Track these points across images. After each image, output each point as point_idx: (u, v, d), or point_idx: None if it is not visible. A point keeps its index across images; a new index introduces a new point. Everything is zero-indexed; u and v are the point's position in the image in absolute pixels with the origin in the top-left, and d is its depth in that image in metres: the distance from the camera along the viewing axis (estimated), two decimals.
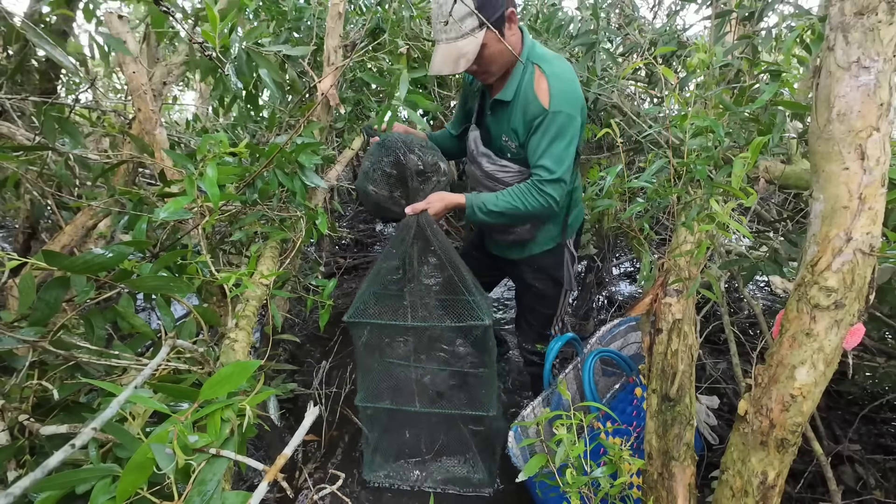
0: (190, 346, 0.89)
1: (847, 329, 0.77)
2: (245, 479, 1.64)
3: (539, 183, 1.46)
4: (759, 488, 0.84)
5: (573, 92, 1.46)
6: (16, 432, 0.75)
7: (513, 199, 1.48)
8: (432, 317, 1.52)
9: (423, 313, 1.52)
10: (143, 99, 1.44)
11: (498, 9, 1.36)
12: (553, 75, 1.45)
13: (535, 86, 1.46)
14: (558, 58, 1.53)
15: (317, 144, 1.35)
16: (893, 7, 0.67)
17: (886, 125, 0.71)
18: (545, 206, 1.47)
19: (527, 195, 1.47)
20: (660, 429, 1.05)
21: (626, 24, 2.19)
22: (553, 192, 1.46)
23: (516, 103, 1.49)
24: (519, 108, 1.48)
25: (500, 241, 1.75)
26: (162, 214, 0.96)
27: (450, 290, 1.50)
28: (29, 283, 0.83)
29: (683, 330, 1.07)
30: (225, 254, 1.52)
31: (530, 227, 1.65)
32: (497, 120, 1.58)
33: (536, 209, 1.48)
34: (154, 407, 0.61)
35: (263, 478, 0.54)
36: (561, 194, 1.48)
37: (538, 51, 1.52)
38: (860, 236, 0.74)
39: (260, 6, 1.92)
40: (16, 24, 1.41)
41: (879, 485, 1.59)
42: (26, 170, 1.39)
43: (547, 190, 1.45)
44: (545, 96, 1.43)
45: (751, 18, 1.66)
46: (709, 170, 0.91)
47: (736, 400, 1.86)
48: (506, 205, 1.48)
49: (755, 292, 2.96)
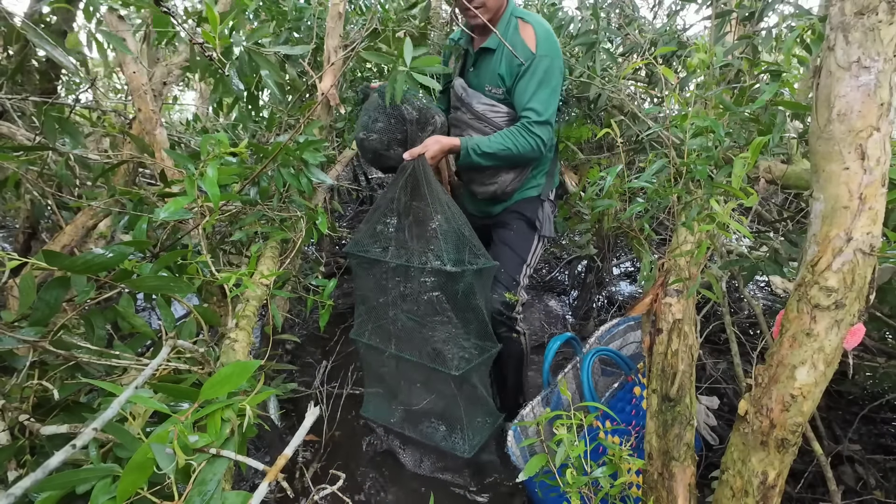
0: (190, 346, 0.89)
1: (847, 329, 0.77)
2: (245, 479, 1.65)
3: (528, 125, 1.55)
4: (759, 488, 0.84)
5: (556, 42, 1.60)
6: (16, 432, 0.75)
7: (505, 140, 1.56)
8: (412, 259, 1.53)
9: (406, 255, 1.54)
10: (143, 99, 1.44)
11: None
12: (538, 23, 1.59)
13: (521, 33, 1.59)
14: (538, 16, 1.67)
15: (320, 142, 1.36)
16: (894, 7, 0.67)
17: (887, 125, 0.71)
18: (535, 147, 1.57)
19: (517, 136, 1.56)
20: (660, 429, 1.05)
21: (626, 24, 2.19)
22: (542, 134, 1.56)
23: (501, 50, 1.60)
24: (505, 55, 1.59)
25: (482, 194, 1.79)
26: (162, 214, 0.96)
27: (431, 234, 1.52)
28: (29, 283, 0.83)
29: (684, 330, 1.07)
30: (225, 254, 1.52)
31: (514, 176, 1.72)
32: (480, 71, 1.69)
33: (527, 150, 1.57)
34: (154, 407, 0.62)
35: (264, 478, 0.54)
36: (549, 136, 1.59)
37: (518, 10, 1.68)
38: (860, 236, 0.74)
39: (260, 6, 1.92)
40: (16, 24, 1.41)
41: (880, 485, 1.59)
42: (27, 170, 1.39)
43: (536, 131, 1.55)
44: (532, 41, 1.56)
45: (751, 18, 1.66)
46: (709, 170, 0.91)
47: (736, 400, 1.86)
48: (498, 146, 1.56)
49: (755, 292, 2.96)
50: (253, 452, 1.86)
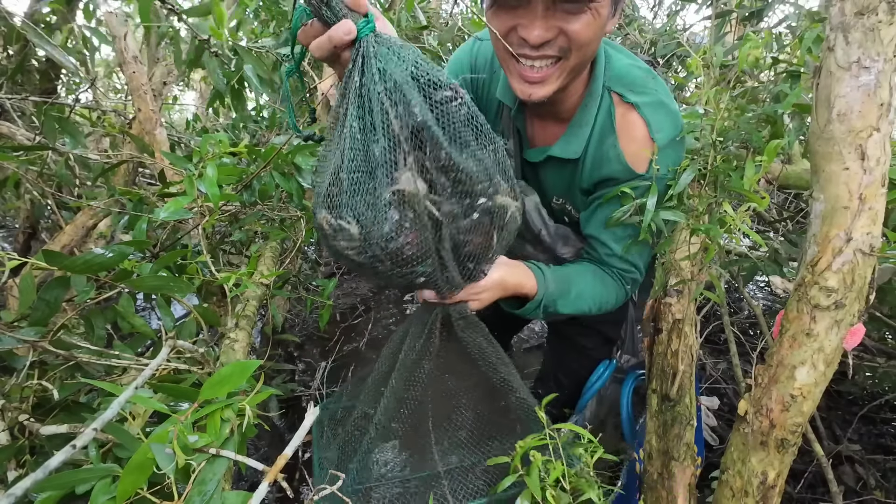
0: (190, 346, 0.89)
1: (847, 329, 0.77)
2: (245, 478, 1.64)
3: (622, 277, 1.04)
4: (759, 488, 0.84)
5: (682, 144, 0.93)
6: (16, 432, 0.75)
7: (592, 301, 1.02)
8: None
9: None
10: (143, 99, 1.44)
11: None
12: (654, 109, 0.91)
13: (619, 132, 0.92)
14: (649, 73, 0.95)
15: (314, 145, 1.35)
16: (894, 7, 0.67)
17: (887, 125, 0.71)
18: (620, 303, 1.08)
19: (609, 293, 1.04)
20: (660, 429, 1.05)
21: (627, 24, 2.19)
22: (633, 289, 1.08)
23: (586, 158, 0.96)
24: (589, 164, 0.97)
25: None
26: (162, 214, 0.96)
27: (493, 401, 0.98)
28: (29, 283, 0.83)
29: (684, 330, 1.07)
30: (225, 254, 1.52)
31: None
32: (543, 175, 1.07)
33: (611, 308, 1.07)
34: (154, 407, 0.62)
35: (264, 478, 0.54)
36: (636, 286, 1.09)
37: (618, 66, 0.93)
38: (860, 236, 0.74)
39: (260, 6, 1.92)
40: (16, 24, 1.41)
41: (880, 485, 1.59)
42: (26, 170, 1.39)
43: (629, 289, 1.06)
44: (640, 150, 0.91)
45: (751, 18, 1.66)
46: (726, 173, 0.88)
47: (736, 400, 1.86)
48: (583, 309, 1.01)
49: (755, 292, 2.95)
50: (252, 452, 1.86)
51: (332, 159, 0.69)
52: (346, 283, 3.13)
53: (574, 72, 0.85)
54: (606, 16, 0.81)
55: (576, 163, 0.98)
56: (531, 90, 0.84)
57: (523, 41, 0.79)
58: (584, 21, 0.77)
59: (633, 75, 0.93)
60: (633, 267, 1.03)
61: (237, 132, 2.01)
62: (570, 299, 0.99)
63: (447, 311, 0.85)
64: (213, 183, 0.98)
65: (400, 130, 0.63)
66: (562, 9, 0.76)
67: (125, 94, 2.94)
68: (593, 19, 0.78)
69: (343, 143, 0.66)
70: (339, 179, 0.66)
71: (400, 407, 0.88)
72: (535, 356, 2.41)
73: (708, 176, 0.87)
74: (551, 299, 0.97)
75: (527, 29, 0.78)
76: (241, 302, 1.13)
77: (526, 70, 0.82)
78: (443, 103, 0.65)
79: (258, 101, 2.24)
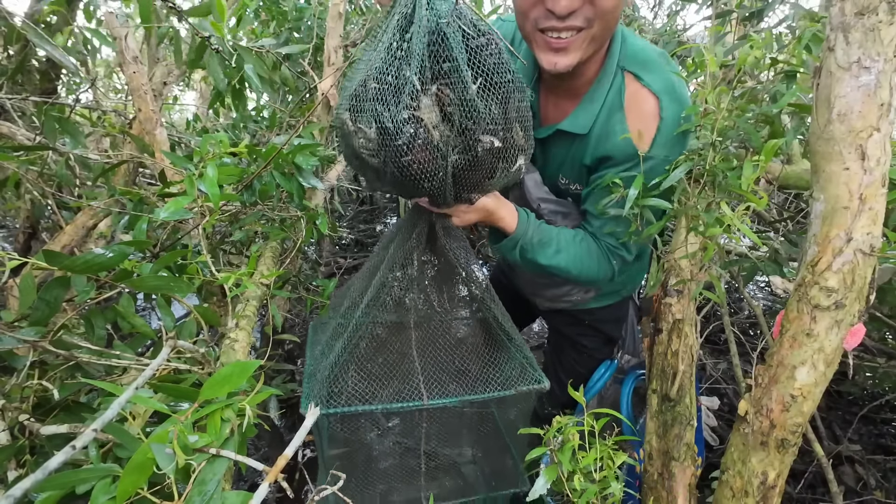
0: (190, 346, 0.89)
1: (847, 329, 0.77)
2: (245, 478, 1.64)
3: (612, 252, 1.06)
4: (759, 488, 0.84)
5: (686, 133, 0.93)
6: (16, 432, 0.75)
7: (573, 263, 1.03)
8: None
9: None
10: (143, 99, 1.44)
11: None
12: (665, 88, 0.91)
13: (627, 108, 0.93)
14: (664, 56, 0.96)
15: (315, 146, 1.35)
16: (894, 7, 0.67)
17: (887, 125, 0.71)
18: (606, 278, 1.09)
19: (593, 261, 1.05)
20: (660, 429, 1.05)
21: (627, 24, 2.19)
22: (618, 267, 1.09)
23: (592, 133, 0.97)
24: (594, 139, 0.98)
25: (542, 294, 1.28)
26: (162, 214, 0.96)
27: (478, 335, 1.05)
28: (29, 283, 0.83)
29: (684, 330, 1.07)
30: (225, 254, 1.51)
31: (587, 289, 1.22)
32: (551, 150, 1.07)
33: (592, 279, 1.08)
34: (154, 407, 0.61)
35: (264, 478, 0.54)
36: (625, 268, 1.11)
37: (634, 46, 0.95)
38: (860, 237, 0.74)
39: (260, 6, 1.92)
40: (16, 24, 1.41)
41: (880, 485, 1.59)
42: (27, 170, 1.39)
43: (614, 265, 1.08)
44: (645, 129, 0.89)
45: (751, 18, 1.66)
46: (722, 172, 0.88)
47: (736, 400, 1.86)
48: (562, 262, 1.03)
49: (755, 292, 2.95)
50: (253, 452, 1.86)
51: (363, 68, 0.77)
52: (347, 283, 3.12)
53: (597, 42, 0.87)
54: None
55: (583, 138, 0.99)
56: (556, 58, 0.86)
57: (550, 13, 0.82)
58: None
59: (648, 56, 0.95)
60: (622, 245, 1.05)
61: (237, 132, 2.01)
62: (549, 253, 1.02)
63: (433, 217, 0.95)
64: (213, 183, 0.98)
65: (432, 62, 0.70)
66: None
67: (125, 94, 2.94)
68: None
69: (378, 54, 0.74)
70: (366, 87, 0.74)
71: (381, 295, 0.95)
72: (535, 356, 2.41)
73: (706, 176, 0.87)
74: (529, 244, 1.01)
75: (553, 0, 0.80)
76: (242, 302, 1.13)
77: (552, 39, 0.84)
78: (477, 50, 0.72)
79: (258, 100, 2.24)
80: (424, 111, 0.71)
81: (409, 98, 0.71)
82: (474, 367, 1.01)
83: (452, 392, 0.94)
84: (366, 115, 0.74)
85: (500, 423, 1.18)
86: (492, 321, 1.03)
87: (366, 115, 0.74)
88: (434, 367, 0.99)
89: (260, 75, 1.53)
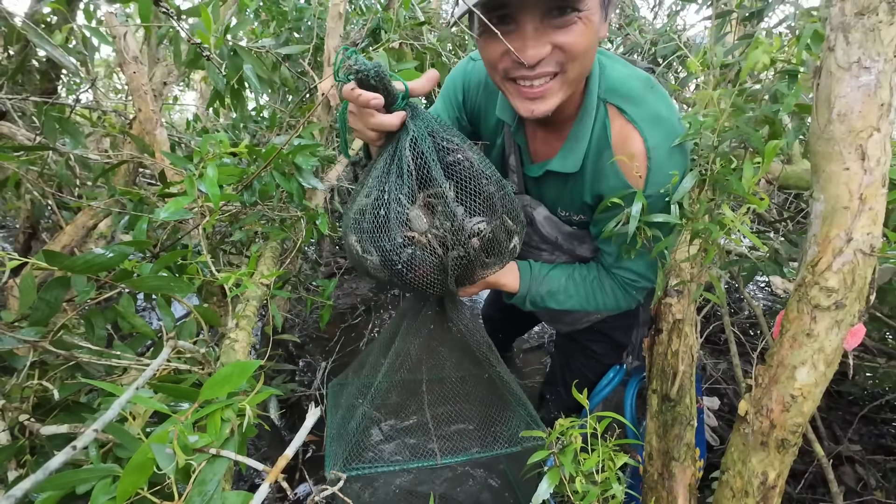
0: (190, 346, 0.89)
1: (847, 329, 0.77)
2: (245, 478, 1.64)
3: (627, 286, 1.05)
4: (759, 489, 0.84)
5: (681, 156, 0.90)
6: (16, 432, 0.75)
7: (587, 300, 1.04)
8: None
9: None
10: (143, 99, 1.44)
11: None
12: (651, 122, 0.88)
13: (615, 144, 0.90)
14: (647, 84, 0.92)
15: (315, 146, 1.35)
16: (894, 7, 0.67)
17: (887, 125, 0.71)
18: (629, 307, 1.09)
19: (607, 295, 1.05)
20: (660, 429, 1.05)
21: (627, 24, 2.19)
22: (640, 296, 1.07)
23: (585, 172, 0.96)
24: (589, 178, 0.96)
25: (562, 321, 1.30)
26: (162, 215, 0.96)
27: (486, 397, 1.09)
28: (29, 283, 0.83)
29: (684, 330, 1.07)
30: (225, 254, 1.52)
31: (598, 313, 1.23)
32: (544, 189, 1.07)
33: (612, 310, 1.08)
34: (154, 407, 0.61)
35: (265, 478, 0.54)
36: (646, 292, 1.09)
37: (613, 77, 0.91)
38: (861, 237, 0.74)
39: (260, 6, 1.92)
40: (16, 24, 1.41)
41: (880, 485, 1.59)
42: (27, 170, 1.39)
43: (634, 295, 1.06)
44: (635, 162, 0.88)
45: (752, 18, 1.66)
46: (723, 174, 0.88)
47: (736, 400, 1.86)
48: (575, 305, 1.05)
49: (755, 293, 2.95)
50: (253, 452, 1.86)
51: (362, 195, 0.86)
52: (346, 283, 3.13)
53: (574, 83, 0.84)
54: (598, 22, 0.79)
55: (576, 176, 0.98)
56: (533, 106, 0.84)
57: (518, 63, 0.78)
58: (577, 31, 0.76)
59: (630, 86, 0.91)
60: (635, 275, 1.03)
61: (237, 132, 2.01)
62: (560, 299, 1.06)
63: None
64: (213, 183, 0.98)
65: (418, 185, 0.78)
66: (551, 24, 0.76)
67: (125, 94, 2.94)
68: (585, 28, 0.77)
69: (371, 188, 0.83)
70: (363, 217, 0.84)
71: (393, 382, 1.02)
72: (536, 356, 2.41)
73: (708, 178, 0.87)
74: (538, 296, 1.05)
75: (520, 51, 0.77)
76: (242, 302, 1.13)
77: (525, 88, 0.82)
78: (453, 165, 0.79)
79: (258, 101, 2.25)
80: (415, 222, 0.79)
81: (402, 225, 0.79)
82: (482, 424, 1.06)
83: (463, 448, 1.00)
84: (366, 242, 0.84)
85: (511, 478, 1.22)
86: (497, 380, 1.05)
87: (366, 242, 0.84)
88: (445, 425, 1.06)
89: (259, 76, 1.53)
